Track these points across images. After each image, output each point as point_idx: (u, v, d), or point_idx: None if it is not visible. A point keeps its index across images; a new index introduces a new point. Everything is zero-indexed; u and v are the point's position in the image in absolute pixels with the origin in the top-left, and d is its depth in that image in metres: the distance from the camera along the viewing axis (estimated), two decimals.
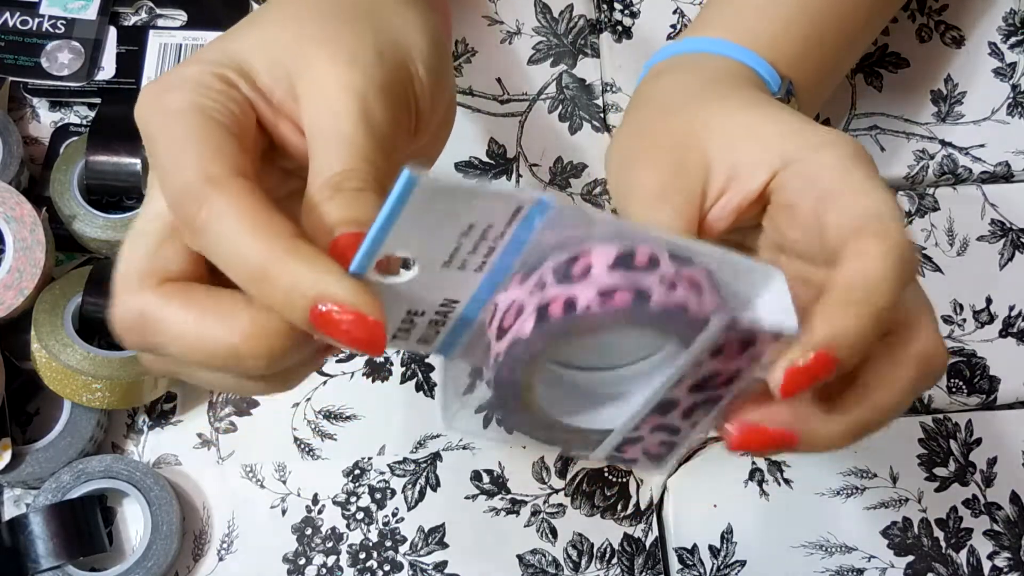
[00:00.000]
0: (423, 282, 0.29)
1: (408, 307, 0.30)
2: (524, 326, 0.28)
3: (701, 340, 0.29)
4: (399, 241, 0.28)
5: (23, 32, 0.56)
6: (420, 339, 0.31)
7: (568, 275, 0.28)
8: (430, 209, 0.27)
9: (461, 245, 0.28)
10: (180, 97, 0.30)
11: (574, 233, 0.28)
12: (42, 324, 0.48)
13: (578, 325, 0.28)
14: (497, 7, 0.60)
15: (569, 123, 0.59)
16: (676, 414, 0.32)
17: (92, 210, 0.51)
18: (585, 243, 0.28)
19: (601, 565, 0.51)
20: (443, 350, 0.32)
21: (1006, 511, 0.53)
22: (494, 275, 0.29)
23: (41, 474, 0.48)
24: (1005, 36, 0.62)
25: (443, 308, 0.30)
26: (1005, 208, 0.59)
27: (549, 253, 0.29)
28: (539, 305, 0.28)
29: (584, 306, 0.28)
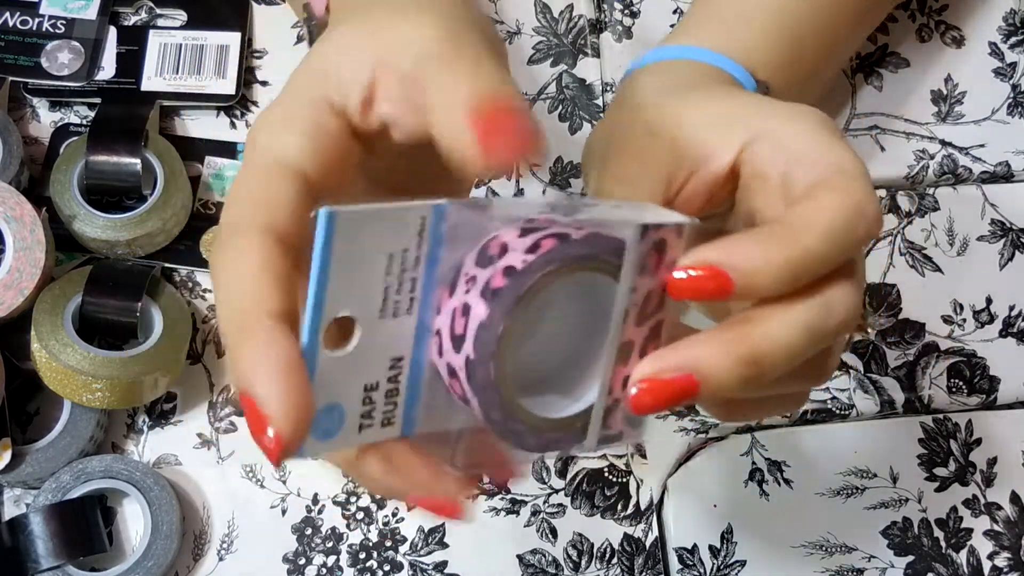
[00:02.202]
0: (367, 344, 0.28)
1: (364, 381, 0.29)
2: (478, 312, 0.28)
3: (628, 260, 0.30)
4: (338, 296, 0.27)
5: (23, 32, 0.56)
6: (384, 421, 0.30)
7: (489, 258, 0.29)
8: (355, 245, 0.27)
9: (388, 286, 0.28)
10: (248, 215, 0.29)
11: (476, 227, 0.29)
12: (42, 324, 0.48)
13: (524, 284, 0.28)
14: (497, 7, 0.60)
15: (569, 123, 0.59)
16: (635, 357, 0.32)
17: (92, 210, 0.51)
18: (489, 232, 0.29)
19: (601, 565, 0.51)
20: (407, 426, 0.30)
21: (1006, 511, 0.53)
22: (424, 311, 0.29)
23: (41, 474, 0.48)
24: (1005, 36, 0.62)
25: (393, 372, 0.29)
26: (1005, 208, 0.59)
27: (463, 257, 0.29)
28: (482, 289, 0.28)
29: (521, 263, 0.28)
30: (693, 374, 0.30)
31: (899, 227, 0.58)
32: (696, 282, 0.30)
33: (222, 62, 0.56)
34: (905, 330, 0.56)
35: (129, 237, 0.51)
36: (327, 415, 0.29)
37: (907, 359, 0.55)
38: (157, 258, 0.53)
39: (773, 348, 0.30)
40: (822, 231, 0.30)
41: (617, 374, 0.31)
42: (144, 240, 0.51)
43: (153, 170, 0.52)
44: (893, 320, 0.56)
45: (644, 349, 0.31)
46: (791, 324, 0.31)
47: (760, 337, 0.30)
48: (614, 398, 0.32)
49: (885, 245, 0.57)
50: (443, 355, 0.29)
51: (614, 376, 0.31)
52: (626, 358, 0.31)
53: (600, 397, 0.31)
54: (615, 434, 0.32)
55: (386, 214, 0.27)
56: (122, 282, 0.50)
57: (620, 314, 0.30)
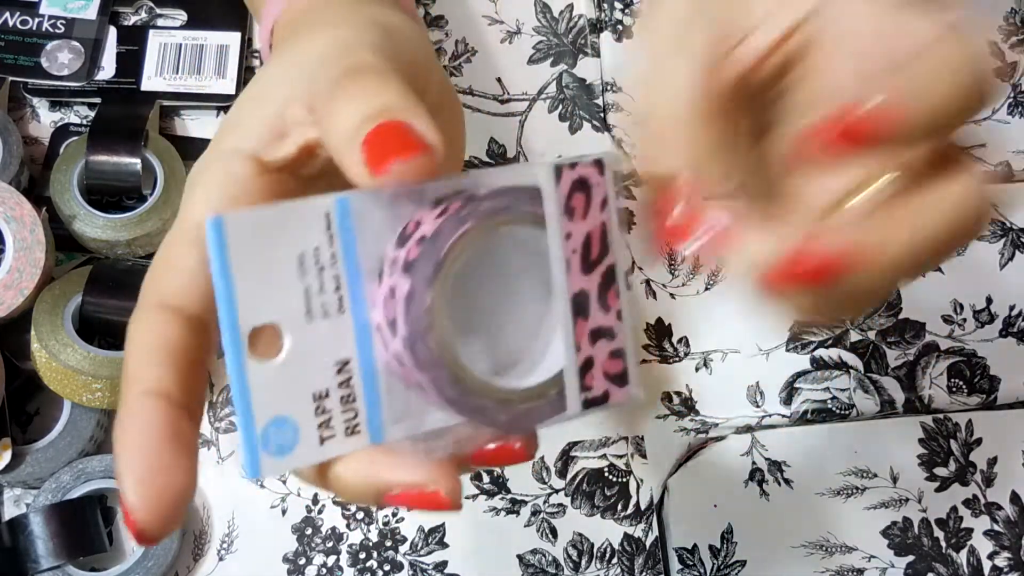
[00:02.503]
0: (302, 350, 0.27)
1: (310, 390, 0.27)
2: (402, 289, 0.27)
3: (548, 203, 0.29)
4: (250, 305, 0.26)
5: (23, 32, 0.56)
6: (347, 430, 0.28)
7: (406, 237, 0.28)
8: (254, 250, 0.26)
9: (308, 287, 0.27)
10: None
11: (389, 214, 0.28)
12: (42, 324, 0.48)
13: (440, 249, 0.27)
14: (497, 7, 0.60)
15: (569, 123, 0.59)
16: (595, 308, 0.30)
17: (92, 210, 0.51)
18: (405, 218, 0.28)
19: (601, 565, 0.51)
20: (375, 434, 0.29)
21: (1006, 511, 0.53)
22: (359, 309, 0.28)
23: (41, 474, 0.48)
24: (1005, 36, 0.62)
25: (342, 377, 0.28)
26: (1005, 208, 0.59)
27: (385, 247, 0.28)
28: (402, 266, 0.28)
29: (432, 230, 0.27)
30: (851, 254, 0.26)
31: None
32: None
33: (222, 62, 0.56)
34: (905, 330, 0.56)
35: (129, 237, 0.51)
36: (276, 430, 0.27)
37: (907, 359, 0.55)
38: None
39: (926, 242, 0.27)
40: None
41: (580, 328, 0.30)
42: (144, 240, 0.51)
43: (153, 170, 0.52)
44: (893, 320, 0.56)
45: (603, 298, 0.30)
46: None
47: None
48: (584, 355, 0.30)
49: None
50: (388, 348, 0.28)
51: (577, 331, 0.30)
52: (584, 310, 0.30)
53: (568, 356, 0.30)
54: (599, 395, 0.31)
55: (282, 214, 0.27)
56: (122, 282, 0.50)
57: (560, 262, 0.29)
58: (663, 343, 0.55)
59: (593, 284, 0.30)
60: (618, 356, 0.31)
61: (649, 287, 0.56)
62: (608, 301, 0.30)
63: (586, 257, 0.30)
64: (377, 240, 0.28)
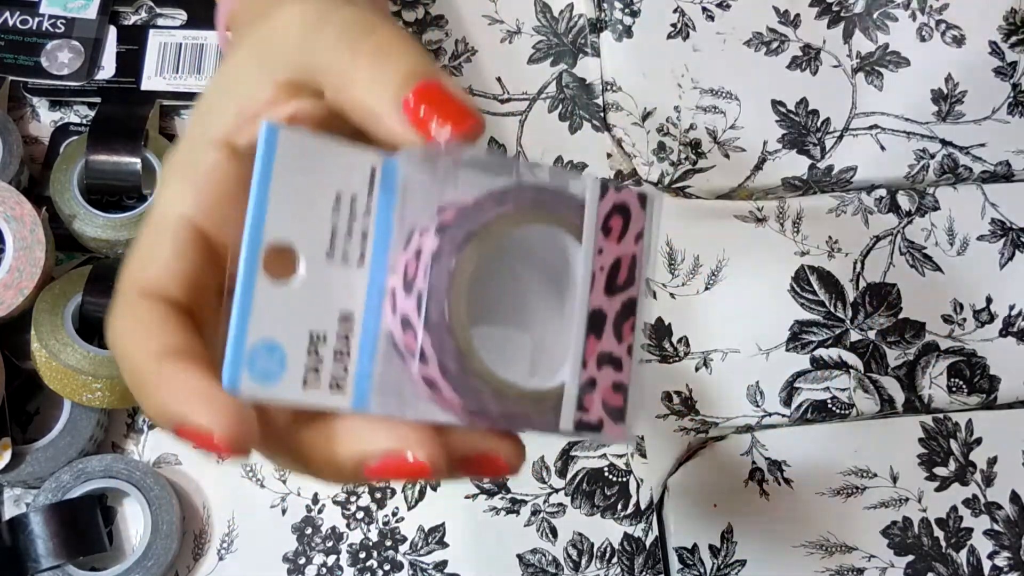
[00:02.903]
0: (314, 284, 0.27)
1: (309, 327, 0.27)
2: (429, 246, 0.27)
3: (588, 214, 0.29)
4: (278, 219, 0.26)
5: (23, 31, 0.56)
6: (332, 383, 0.27)
7: (444, 207, 0.27)
8: (298, 170, 0.26)
9: (336, 227, 0.27)
10: None
11: (430, 187, 0.28)
12: (42, 324, 0.48)
13: (477, 220, 0.27)
14: (497, 6, 0.60)
15: (569, 122, 0.59)
16: (609, 333, 0.29)
17: (92, 210, 0.51)
18: (445, 193, 0.28)
19: (601, 565, 0.51)
20: (359, 399, 0.28)
21: (1006, 511, 0.53)
22: (377, 272, 0.28)
23: (41, 474, 0.48)
24: (1006, 35, 0.62)
25: (342, 329, 0.27)
26: (1005, 208, 0.59)
27: (416, 219, 0.28)
28: (436, 228, 0.27)
29: (473, 201, 0.27)
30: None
31: (899, 227, 0.58)
32: None
33: None
34: (905, 330, 0.56)
35: (129, 237, 0.51)
36: (266, 353, 0.27)
37: (907, 359, 0.55)
38: None
39: None
40: None
41: (590, 346, 0.29)
42: None
43: (153, 170, 0.52)
44: (893, 320, 0.56)
45: (619, 326, 0.30)
46: None
47: None
48: (589, 375, 0.29)
49: (885, 245, 0.57)
50: (396, 310, 0.27)
51: (587, 349, 0.29)
52: (599, 329, 0.29)
53: (573, 372, 0.29)
54: (594, 421, 0.29)
55: (333, 149, 0.27)
56: None
57: (586, 276, 0.29)
58: (663, 343, 0.55)
59: (612, 308, 0.29)
60: (620, 391, 0.30)
61: (649, 287, 0.56)
62: (623, 331, 0.30)
63: (612, 279, 0.29)
64: (414, 208, 0.28)
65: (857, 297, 0.56)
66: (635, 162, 0.58)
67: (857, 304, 0.56)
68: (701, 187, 0.58)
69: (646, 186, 0.29)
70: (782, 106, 0.59)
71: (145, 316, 0.28)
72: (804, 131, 0.59)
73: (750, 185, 0.58)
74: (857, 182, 0.59)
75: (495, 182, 0.28)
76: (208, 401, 0.26)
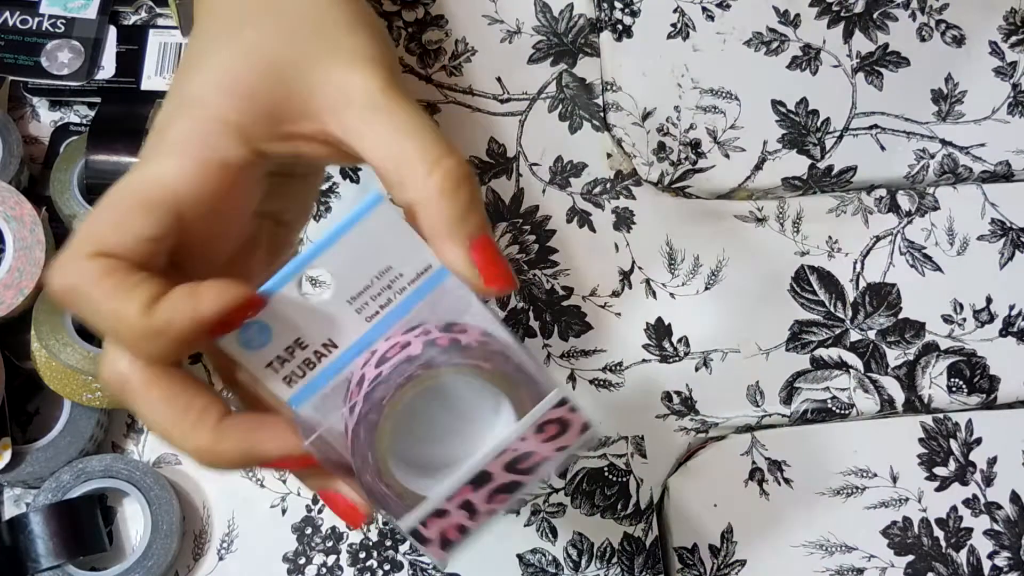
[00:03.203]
0: (325, 312, 0.33)
1: (298, 335, 0.33)
2: (415, 347, 0.33)
3: (535, 411, 0.34)
4: (336, 257, 0.32)
5: (23, 31, 0.56)
6: (286, 377, 0.34)
7: (451, 329, 0.33)
8: (373, 234, 0.32)
9: (372, 285, 0.33)
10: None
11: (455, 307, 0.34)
12: (42, 323, 0.48)
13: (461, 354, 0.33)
14: (497, 6, 0.60)
15: (569, 122, 0.59)
16: (484, 493, 0.35)
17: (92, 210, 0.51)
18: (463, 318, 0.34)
19: (601, 565, 0.51)
20: (298, 397, 0.34)
21: (1006, 511, 0.53)
22: (378, 329, 0.34)
23: (41, 473, 0.48)
24: (1006, 35, 0.62)
25: (323, 349, 0.34)
26: (1005, 207, 0.59)
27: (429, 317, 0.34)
28: (427, 340, 0.33)
29: (468, 342, 0.33)
30: None
31: (899, 227, 0.58)
32: None
33: None
34: (905, 330, 0.56)
35: None
36: (259, 331, 0.33)
37: (907, 359, 0.55)
38: None
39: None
40: None
41: (463, 491, 0.35)
42: None
43: None
44: (893, 320, 0.56)
45: (494, 494, 0.35)
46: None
47: None
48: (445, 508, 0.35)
49: (885, 244, 0.57)
50: (362, 368, 0.34)
51: (460, 491, 0.35)
52: (478, 485, 0.35)
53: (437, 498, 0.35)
54: (426, 537, 0.36)
55: (407, 236, 0.33)
56: None
57: (499, 448, 0.34)
58: (663, 343, 0.55)
59: (500, 480, 0.35)
60: (463, 533, 0.36)
61: (649, 287, 0.56)
62: (495, 500, 0.35)
63: (517, 462, 0.35)
64: (430, 312, 0.34)
65: (857, 297, 0.56)
66: (635, 162, 0.58)
67: (857, 304, 0.56)
68: (701, 187, 0.58)
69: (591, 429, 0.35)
70: (782, 106, 0.59)
71: (106, 272, 0.30)
72: (804, 131, 0.59)
73: (750, 185, 0.58)
74: (857, 182, 0.59)
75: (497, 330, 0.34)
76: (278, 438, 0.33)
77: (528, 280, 0.55)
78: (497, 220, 0.56)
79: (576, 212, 0.57)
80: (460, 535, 0.37)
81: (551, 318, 0.55)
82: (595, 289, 0.56)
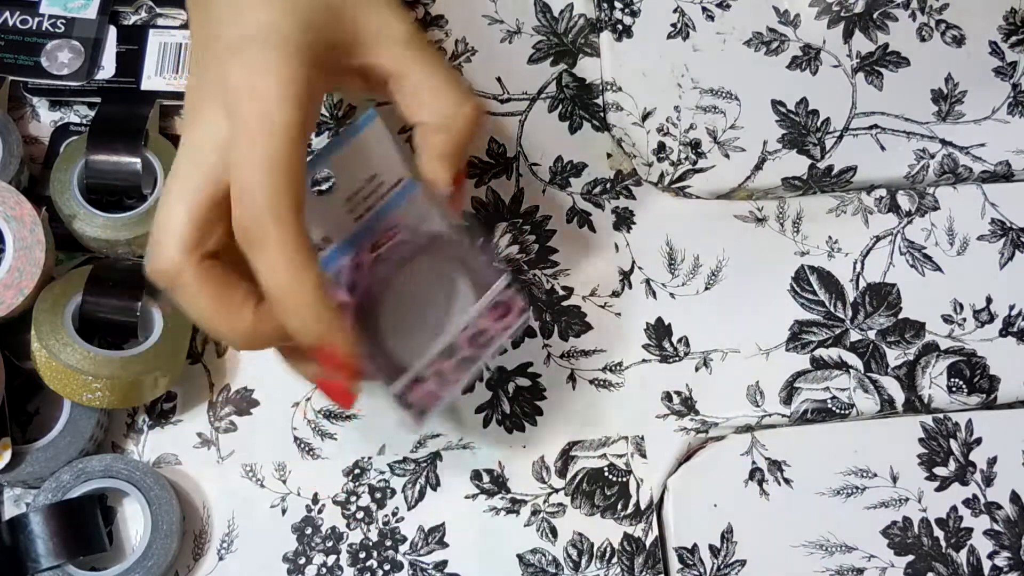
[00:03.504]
0: (330, 208, 0.40)
1: (323, 231, 0.41)
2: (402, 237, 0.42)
3: (490, 292, 0.43)
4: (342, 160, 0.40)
5: (23, 31, 0.56)
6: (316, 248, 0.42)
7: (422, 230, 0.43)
8: (369, 143, 0.40)
9: (363, 188, 0.41)
10: None
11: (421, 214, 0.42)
12: (42, 323, 0.48)
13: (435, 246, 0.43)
14: (497, 6, 0.60)
15: (569, 122, 0.59)
16: (453, 363, 0.43)
17: (92, 209, 0.51)
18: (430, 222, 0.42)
19: (601, 565, 0.51)
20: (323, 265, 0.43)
21: (1006, 511, 0.53)
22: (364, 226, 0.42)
23: (41, 474, 0.48)
24: (1006, 35, 0.62)
25: (321, 243, 0.41)
26: (1005, 207, 0.59)
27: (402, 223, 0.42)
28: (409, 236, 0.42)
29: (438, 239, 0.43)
30: None
31: (899, 227, 0.58)
32: None
33: None
34: (905, 330, 0.56)
35: (129, 236, 0.51)
36: None
37: (907, 359, 0.55)
38: None
39: None
40: None
41: (436, 362, 0.43)
42: (144, 239, 0.51)
43: (153, 169, 0.52)
44: (893, 320, 0.56)
45: (460, 365, 0.43)
46: None
47: None
48: (423, 375, 0.43)
49: (885, 245, 0.57)
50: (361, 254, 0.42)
51: (434, 361, 0.43)
52: (448, 355, 0.43)
53: (419, 367, 0.43)
54: (408, 402, 0.42)
55: (391, 149, 0.41)
56: (122, 281, 0.50)
57: (461, 325, 0.43)
58: (663, 343, 0.55)
59: (464, 353, 0.43)
60: (434, 399, 0.43)
61: (649, 287, 0.56)
62: (459, 372, 0.43)
63: (475, 337, 0.43)
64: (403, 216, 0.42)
65: (857, 297, 0.56)
66: (635, 162, 0.58)
67: (857, 304, 0.56)
68: (701, 187, 0.58)
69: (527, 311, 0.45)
70: (782, 106, 0.59)
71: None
72: (804, 131, 0.59)
73: (750, 185, 0.58)
74: (857, 182, 0.59)
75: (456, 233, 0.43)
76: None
77: (528, 280, 0.55)
78: (497, 220, 0.56)
79: (576, 212, 0.57)
80: (432, 402, 0.43)
81: (551, 318, 0.55)
82: (595, 289, 0.56)
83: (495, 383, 0.53)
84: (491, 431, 0.53)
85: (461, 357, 0.43)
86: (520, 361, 0.54)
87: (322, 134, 0.57)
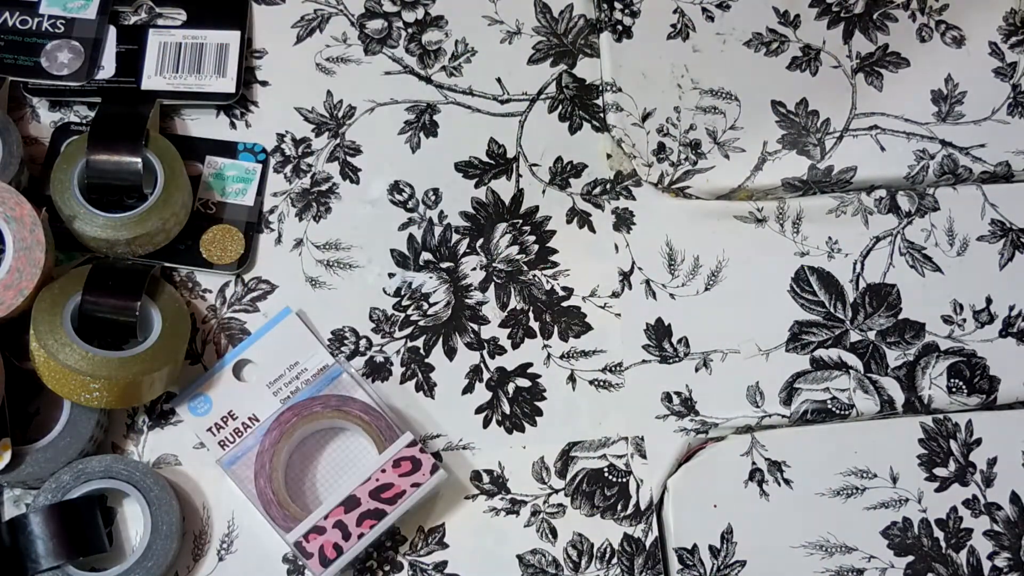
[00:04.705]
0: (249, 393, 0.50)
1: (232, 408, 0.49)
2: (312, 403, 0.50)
3: (393, 447, 0.48)
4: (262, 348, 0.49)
5: (23, 31, 0.56)
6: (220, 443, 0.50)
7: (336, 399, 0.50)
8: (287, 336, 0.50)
9: (284, 375, 0.50)
10: None
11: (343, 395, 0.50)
12: (41, 323, 0.48)
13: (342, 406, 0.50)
14: (497, 7, 0.60)
15: (569, 123, 0.59)
16: (354, 516, 0.47)
17: (92, 209, 0.51)
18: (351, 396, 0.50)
19: (601, 565, 0.51)
20: (228, 462, 0.49)
21: (1006, 511, 0.53)
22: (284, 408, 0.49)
23: (41, 474, 0.48)
24: (1005, 36, 0.62)
25: (248, 423, 0.50)
26: (1005, 208, 0.59)
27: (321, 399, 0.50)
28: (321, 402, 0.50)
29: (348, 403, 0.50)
30: None
31: (899, 227, 0.58)
32: None
33: (222, 61, 0.56)
34: (905, 330, 0.56)
35: (129, 236, 0.51)
36: (203, 399, 0.51)
37: (907, 359, 0.55)
38: (157, 258, 0.53)
39: None
40: None
41: (337, 511, 0.47)
42: (144, 239, 0.51)
43: (153, 169, 0.52)
44: (893, 320, 0.56)
45: (362, 517, 0.47)
46: None
47: None
48: (323, 526, 0.47)
49: (885, 245, 0.57)
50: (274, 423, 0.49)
51: (334, 511, 0.47)
52: (349, 507, 0.47)
53: (317, 515, 0.47)
54: (307, 551, 0.47)
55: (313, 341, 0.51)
56: (121, 281, 0.50)
57: (363, 476, 0.48)
58: (663, 343, 0.55)
59: (367, 505, 0.47)
60: (336, 551, 0.47)
61: (649, 287, 0.56)
62: (364, 524, 0.47)
63: (377, 492, 0.48)
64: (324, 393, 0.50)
65: (857, 297, 0.56)
66: (635, 162, 0.58)
67: (857, 304, 0.56)
68: (701, 187, 0.58)
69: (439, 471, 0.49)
70: (782, 106, 0.59)
71: None
72: (804, 131, 0.59)
73: (750, 185, 0.58)
74: (857, 182, 0.59)
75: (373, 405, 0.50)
76: None
77: (528, 280, 0.55)
78: (497, 220, 0.56)
79: (576, 213, 0.57)
80: (336, 553, 0.46)
81: (551, 318, 0.55)
82: (595, 289, 0.56)
83: (495, 383, 0.53)
84: (491, 431, 0.53)
85: (365, 510, 0.47)
86: (520, 361, 0.54)
87: (322, 134, 0.57)
